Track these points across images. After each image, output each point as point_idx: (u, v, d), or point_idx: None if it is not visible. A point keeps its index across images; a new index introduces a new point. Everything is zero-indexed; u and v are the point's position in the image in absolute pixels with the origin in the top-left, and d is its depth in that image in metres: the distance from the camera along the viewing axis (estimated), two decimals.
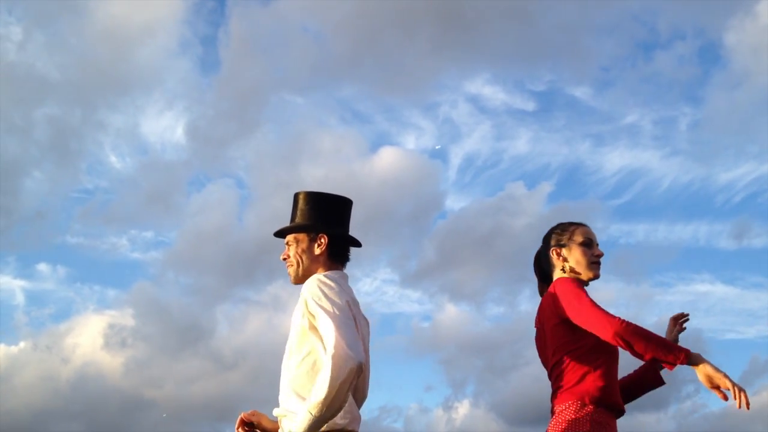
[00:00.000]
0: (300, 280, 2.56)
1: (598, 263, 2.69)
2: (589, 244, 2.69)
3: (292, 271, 2.60)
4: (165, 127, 18.12)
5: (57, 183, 16.95)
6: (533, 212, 15.39)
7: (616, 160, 17.37)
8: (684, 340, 2.80)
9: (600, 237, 2.75)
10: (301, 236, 2.60)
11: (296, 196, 2.67)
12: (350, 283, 2.58)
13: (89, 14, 16.46)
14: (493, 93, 17.84)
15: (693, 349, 2.40)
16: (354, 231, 2.65)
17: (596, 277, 2.68)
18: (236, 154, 17.64)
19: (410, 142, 18.41)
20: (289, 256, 2.60)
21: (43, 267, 16.85)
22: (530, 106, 17.74)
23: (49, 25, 16.61)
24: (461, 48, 17.31)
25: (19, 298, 16.49)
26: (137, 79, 17.32)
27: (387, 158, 17.19)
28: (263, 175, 17.07)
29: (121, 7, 16.15)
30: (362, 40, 16.92)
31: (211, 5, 17.35)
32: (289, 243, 2.62)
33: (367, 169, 16.84)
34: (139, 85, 17.62)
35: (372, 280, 16.43)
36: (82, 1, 16.58)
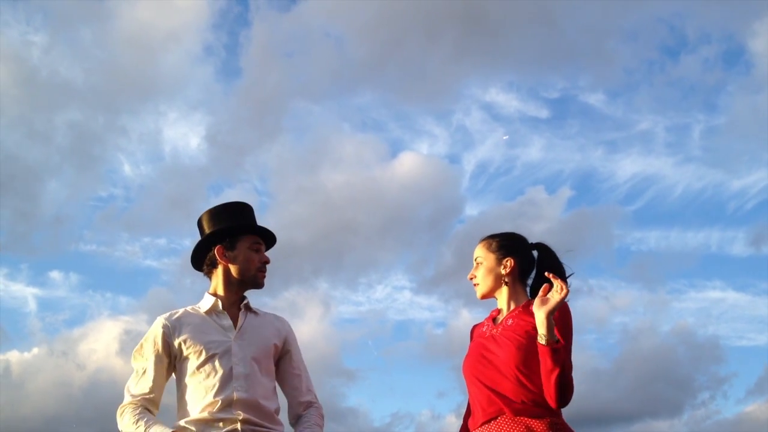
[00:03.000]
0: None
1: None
2: None
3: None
4: (186, 133, 18.12)
5: (77, 188, 16.98)
6: (552, 217, 15.23)
7: (628, 167, 17.25)
8: (701, 347, 2.70)
9: (618, 243, 2.60)
10: None
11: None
12: (363, 291, 2.79)
13: (115, 19, 16.51)
14: (507, 100, 17.76)
15: (710, 357, 2.35)
16: (373, 236, 2.75)
17: None
18: (257, 160, 17.59)
19: (423, 149, 18.36)
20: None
21: (55, 274, 16.83)
22: (544, 113, 17.60)
23: (74, 30, 16.70)
24: (484, 53, 17.25)
25: (32, 306, 16.49)
26: (161, 85, 17.35)
27: (407, 163, 17.14)
28: (283, 181, 17.03)
29: (147, 13, 16.21)
30: (385, 44, 16.88)
31: (237, 11, 17.28)
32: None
33: (387, 174, 16.78)
34: (162, 91, 17.63)
35: (384, 286, 16.44)
36: (108, 6, 16.64)
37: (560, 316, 2.44)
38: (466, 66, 17.84)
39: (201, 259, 2.79)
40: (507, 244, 2.70)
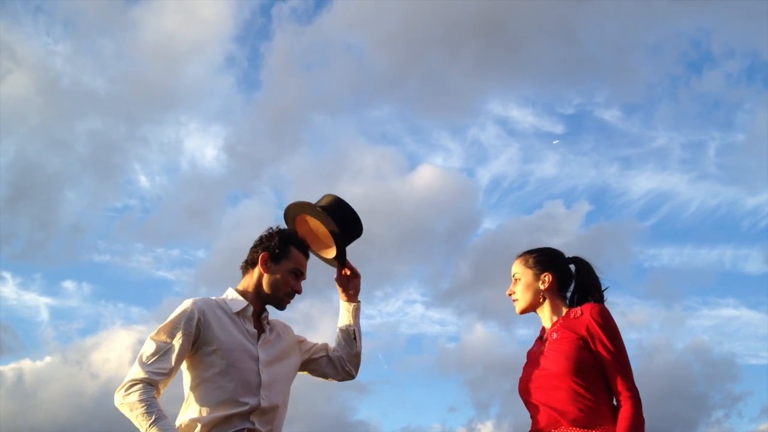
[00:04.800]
0: None
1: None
2: None
3: None
4: (206, 144, 18.19)
5: (96, 198, 17.04)
6: (570, 231, 15.05)
7: (643, 183, 17.18)
8: (717, 364, 2.71)
9: (633, 259, 2.62)
10: None
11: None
12: (376, 304, 2.79)
13: (139, 29, 16.62)
14: (522, 116, 17.77)
15: (726, 375, 2.30)
16: (389, 249, 2.71)
17: None
18: (275, 171, 17.60)
19: (438, 163, 18.38)
20: None
21: (68, 284, 16.85)
22: (559, 128, 17.59)
23: (97, 39, 16.82)
24: (504, 68, 17.28)
25: (44, 315, 16.51)
26: (182, 96, 17.45)
27: (426, 176, 17.09)
28: (301, 193, 16.97)
29: (171, 24, 16.30)
30: (406, 57, 16.89)
31: (261, 22, 17.36)
32: None
33: (406, 187, 16.73)
34: (184, 101, 17.73)
35: (395, 300, 16.32)
36: (132, 16, 16.76)
37: (606, 325, 2.49)
38: (486, 80, 17.85)
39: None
40: (544, 259, 2.72)
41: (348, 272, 2.95)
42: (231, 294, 2.71)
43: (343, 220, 2.83)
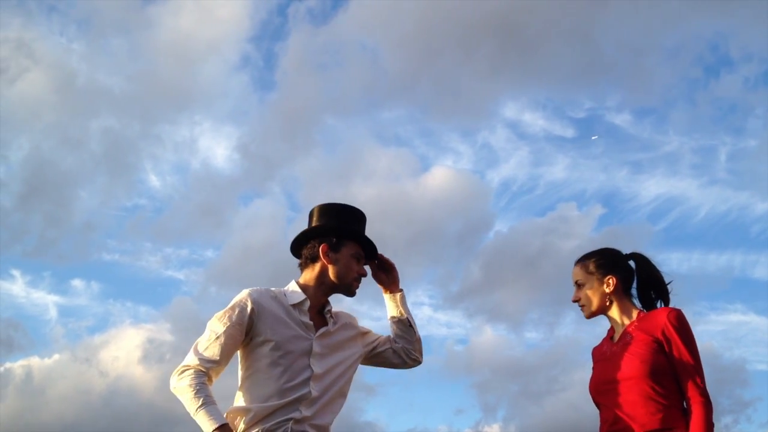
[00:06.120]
0: None
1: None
2: None
3: None
4: (219, 143, 18.18)
5: (109, 196, 17.06)
6: (582, 234, 14.91)
7: (652, 188, 17.32)
8: (726, 370, 2.69)
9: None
10: None
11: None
12: (383, 304, 2.78)
13: (156, 28, 16.63)
14: (533, 119, 17.71)
15: (735, 380, 2.25)
16: (400, 250, 2.71)
17: None
18: (288, 172, 17.58)
19: (449, 165, 18.24)
20: None
21: (77, 282, 16.88)
22: (569, 132, 17.47)
23: (115, 37, 16.82)
24: (518, 70, 17.23)
25: (52, 313, 16.54)
26: (197, 95, 17.47)
27: (439, 177, 16.99)
28: (314, 193, 16.98)
29: (188, 23, 16.28)
30: (420, 58, 16.80)
31: (277, 22, 17.32)
32: None
33: (419, 188, 16.64)
34: (198, 100, 17.73)
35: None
36: (148, 15, 16.76)
37: (681, 329, 2.50)
38: (499, 83, 17.78)
39: (301, 249, 2.78)
40: (604, 262, 2.72)
41: (385, 263, 2.94)
42: (292, 286, 2.74)
43: (340, 218, 2.78)
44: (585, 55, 16.80)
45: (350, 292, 2.76)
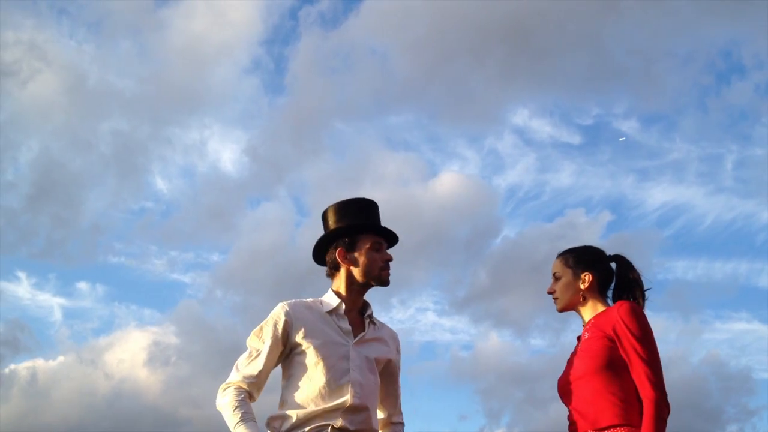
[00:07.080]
0: None
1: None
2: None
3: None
4: (228, 147, 18.18)
5: (118, 198, 17.06)
6: (591, 241, 14.78)
7: (659, 195, 17.13)
8: (733, 378, 2.64)
9: (650, 271, 2.69)
10: None
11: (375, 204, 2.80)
12: (393, 310, 2.79)
13: (168, 30, 16.62)
14: (540, 125, 17.70)
15: (741, 389, 2.19)
16: (407, 255, 2.67)
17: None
18: (297, 176, 17.55)
19: (456, 171, 18.19)
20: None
21: (82, 285, 16.88)
22: (576, 139, 17.46)
23: (126, 39, 16.85)
24: (528, 76, 17.10)
25: (57, 315, 16.54)
26: (207, 98, 17.44)
27: (447, 182, 16.94)
28: (323, 198, 16.89)
29: (200, 25, 16.28)
30: (431, 62, 16.75)
31: (289, 25, 17.31)
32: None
33: (428, 193, 16.60)
34: (209, 103, 17.72)
35: (407, 308, 16.22)
36: (160, 17, 16.78)
37: (632, 323, 2.44)
38: (510, 89, 17.72)
39: (323, 256, 2.77)
40: (584, 258, 2.70)
41: None
42: (327, 294, 2.75)
43: (347, 216, 2.75)
44: (595, 62, 16.73)
45: (382, 282, 2.72)
